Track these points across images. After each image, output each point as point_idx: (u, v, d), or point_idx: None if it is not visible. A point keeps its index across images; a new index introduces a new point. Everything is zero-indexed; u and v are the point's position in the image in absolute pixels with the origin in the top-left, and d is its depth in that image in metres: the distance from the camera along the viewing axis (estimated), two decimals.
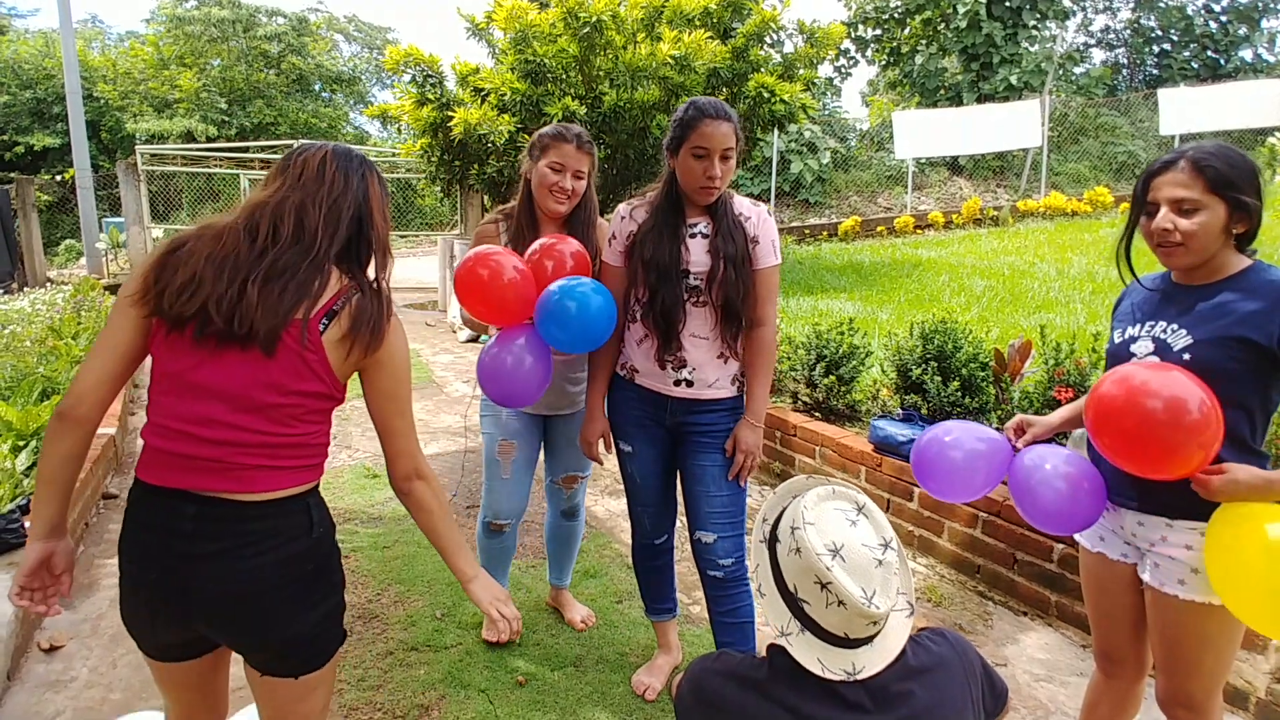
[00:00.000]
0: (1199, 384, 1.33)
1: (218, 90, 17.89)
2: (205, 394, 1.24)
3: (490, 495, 2.36)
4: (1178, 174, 1.42)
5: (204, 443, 1.24)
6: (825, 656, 1.11)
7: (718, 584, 2.06)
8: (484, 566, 2.36)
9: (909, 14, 17.62)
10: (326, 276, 1.30)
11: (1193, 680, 1.52)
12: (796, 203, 15.25)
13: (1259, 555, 1.28)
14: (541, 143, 2.20)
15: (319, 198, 1.32)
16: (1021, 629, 2.65)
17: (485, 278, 1.90)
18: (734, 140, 1.88)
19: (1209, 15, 18.71)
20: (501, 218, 2.30)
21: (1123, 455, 1.41)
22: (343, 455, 4.34)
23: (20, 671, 2.39)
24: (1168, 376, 1.35)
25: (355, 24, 24.98)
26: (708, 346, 1.98)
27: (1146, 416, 1.33)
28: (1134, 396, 1.35)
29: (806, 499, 1.16)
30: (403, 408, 1.42)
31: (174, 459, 1.25)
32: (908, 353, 3.47)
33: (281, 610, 1.28)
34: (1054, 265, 8.19)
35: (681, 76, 7.66)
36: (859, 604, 1.07)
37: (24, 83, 16.53)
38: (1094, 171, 15.36)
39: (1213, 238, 1.42)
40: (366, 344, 1.30)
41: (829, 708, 1.12)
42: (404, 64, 8.15)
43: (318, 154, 1.36)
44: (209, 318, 1.22)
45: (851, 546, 1.10)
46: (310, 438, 1.32)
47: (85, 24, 23.78)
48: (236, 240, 1.27)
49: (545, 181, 2.17)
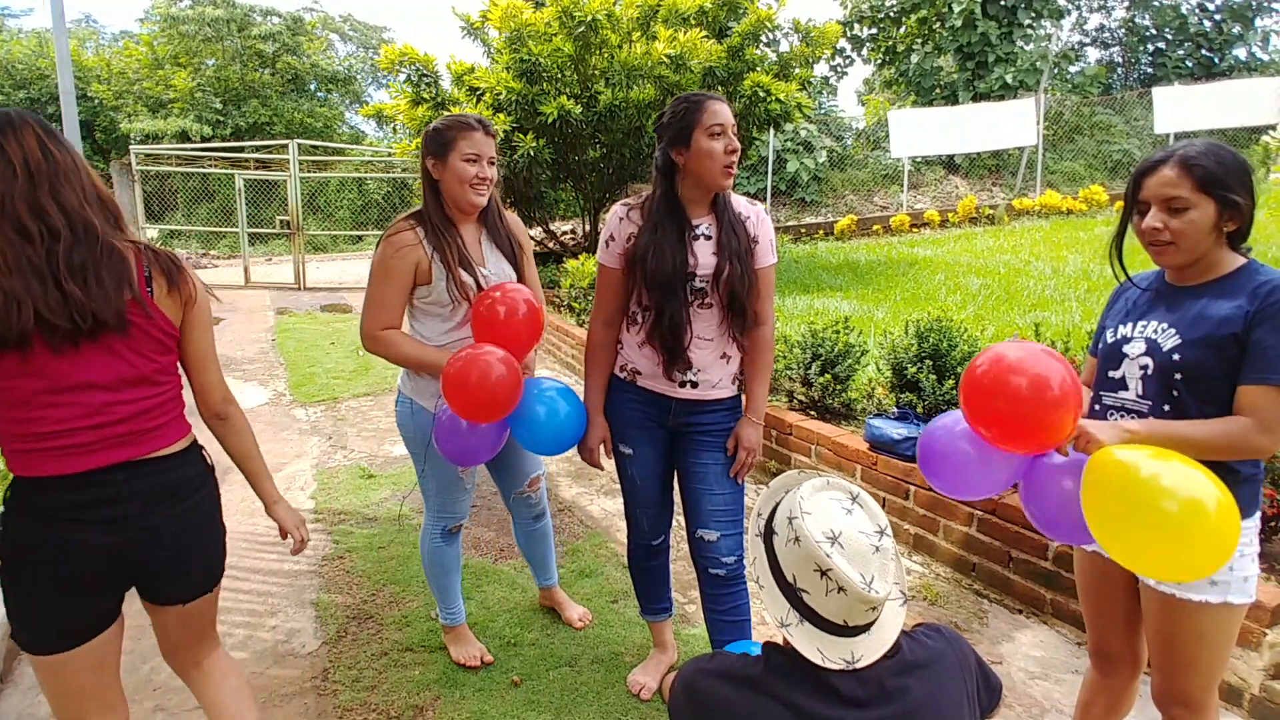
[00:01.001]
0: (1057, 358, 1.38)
1: (212, 90, 17.83)
2: (92, 388, 1.39)
3: (452, 503, 2.31)
4: (1167, 173, 1.42)
5: (111, 424, 1.41)
6: (825, 646, 1.12)
7: (719, 582, 2.05)
8: (444, 576, 2.39)
9: (904, 13, 17.64)
10: (117, 247, 1.41)
11: (1189, 678, 1.52)
12: (792, 202, 15.26)
13: (1121, 494, 1.27)
14: (444, 137, 2.05)
15: (59, 179, 1.37)
16: (1017, 627, 2.65)
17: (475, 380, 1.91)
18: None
19: (1203, 14, 18.76)
20: (415, 224, 2.10)
21: (996, 428, 1.43)
22: (338, 456, 4.33)
23: (13, 674, 2.38)
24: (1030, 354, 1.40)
25: (350, 23, 24.93)
26: (712, 347, 1.98)
27: (1015, 394, 1.37)
28: (1002, 375, 1.40)
29: (802, 490, 1.17)
30: (212, 339, 1.59)
31: (83, 447, 1.39)
32: (903, 351, 3.47)
33: (216, 536, 1.61)
34: (1049, 264, 8.20)
35: (677, 75, 7.66)
36: (859, 589, 1.08)
37: (17, 83, 16.48)
38: (1089, 170, 15.40)
39: (1202, 236, 1.42)
40: (184, 289, 1.49)
41: (826, 704, 1.12)
42: (399, 63, 8.14)
43: (29, 133, 1.37)
44: (51, 324, 1.32)
45: (849, 534, 1.12)
46: (175, 388, 1.54)
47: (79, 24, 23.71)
48: (15, 246, 1.32)
49: (464, 176, 2.04)
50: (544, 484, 2.51)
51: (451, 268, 2.06)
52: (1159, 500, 1.22)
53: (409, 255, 2.05)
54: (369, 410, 5.16)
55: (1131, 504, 1.25)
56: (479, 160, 2.06)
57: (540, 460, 2.47)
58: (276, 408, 5.28)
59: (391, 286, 2.07)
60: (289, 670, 2.42)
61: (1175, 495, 1.21)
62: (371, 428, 4.79)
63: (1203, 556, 1.21)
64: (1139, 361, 1.51)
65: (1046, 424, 1.37)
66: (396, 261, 2.05)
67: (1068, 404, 1.36)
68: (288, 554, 3.18)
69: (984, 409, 1.44)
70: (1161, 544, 1.23)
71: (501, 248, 2.21)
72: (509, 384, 1.93)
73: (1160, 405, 1.48)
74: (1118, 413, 1.55)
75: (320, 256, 14.55)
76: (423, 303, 2.12)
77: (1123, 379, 1.54)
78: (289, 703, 2.26)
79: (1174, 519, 1.21)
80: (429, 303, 2.11)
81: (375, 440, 4.56)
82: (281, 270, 11.92)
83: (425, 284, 2.08)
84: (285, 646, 2.55)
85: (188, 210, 15.66)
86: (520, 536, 2.58)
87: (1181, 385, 1.44)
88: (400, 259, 2.05)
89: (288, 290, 10.52)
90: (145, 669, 2.40)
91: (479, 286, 2.10)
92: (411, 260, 2.05)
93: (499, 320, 2.00)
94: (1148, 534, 1.24)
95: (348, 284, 10.93)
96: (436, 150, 2.07)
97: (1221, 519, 1.19)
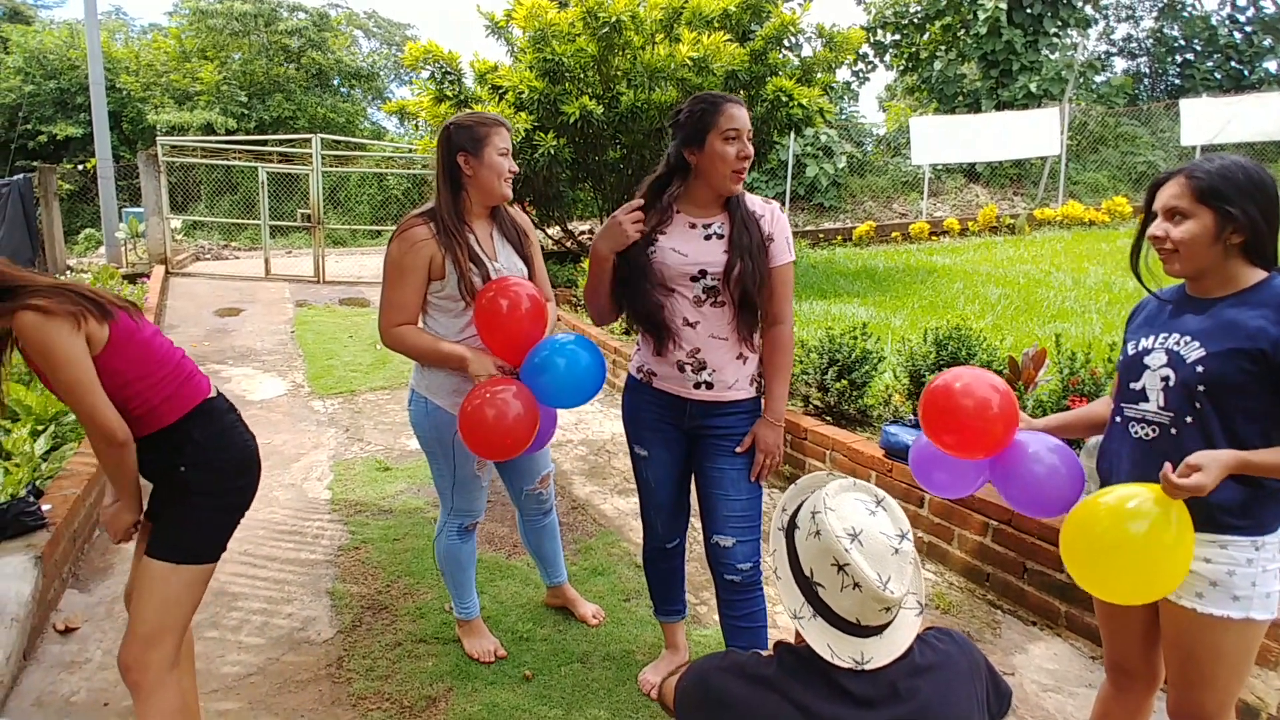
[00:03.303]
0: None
1: (238, 83, 18.03)
2: None
3: (469, 501, 2.33)
4: (1173, 185, 1.49)
5: None
6: (835, 643, 1.13)
7: (734, 588, 2.03)
8: (459, 572, 2.41)
9: (929, 19, 17.52)
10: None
11: (1206, 694, 1.51)
12: (811, 207, 15.20)
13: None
14: (477, 133, 2.10)
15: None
16: (1030, 638, 2.64)
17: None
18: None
19: (1233, 26, 18.51)
20: (426, 219, 2.12)
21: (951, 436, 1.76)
22: (355, 448, 4.37)
23: (36, 652, 2.43)
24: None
25: (375, 20, 25.09)
26: (727, 347, 1.97)
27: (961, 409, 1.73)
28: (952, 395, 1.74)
29: (828, 488, 1.20)
30: (60, 391, 1.59)
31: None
32: (921, 358, 3.46)
33: None
34: (1070, 275, 8.12)
35: (699, 78, 7.66)
36: (874, 587, 1.10)
37: (48, 73, 16.72)
38: (1113, 181, 15.23)
39: (1202, 245, 1.45)
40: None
41: (837, 704, 1.13)
42: (423, 60, 8.20)
43: None
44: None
45: (870, 533, 1.13)
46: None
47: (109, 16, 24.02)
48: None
49: (500, 170, 2.11)
50: (553, 482, 2.53)
51: (462, 264, 2.09)
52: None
53: (424, 250, 2.08)
54: (386, 404, 5.21)
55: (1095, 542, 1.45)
56: (508, 154, 2.12)
57: (550, 458, 2.49)
58: (295, 399, 5.34)
59: (407, 282, 2.09)
60: (304, 657, 2.45)
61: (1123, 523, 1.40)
62: (388, 421, 4.83)
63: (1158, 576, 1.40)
64: (1160, 373, 1.51)
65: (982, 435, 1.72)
66: (411, 257, 2.07)
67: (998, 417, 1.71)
68: (305, 543, 3.21)
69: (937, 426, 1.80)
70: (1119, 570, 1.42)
71: (510, 240, 2.25)
72: (527, 422, 1.98)
73: (1183, 417, 1.47)
74: (1138, 424, 1.55)
75: (339, 250, 14.66)
76: (436, 298, 2.14)
77: (1143, 390, 1.54)
78: (304, 689, 2.29)
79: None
80: (442, 297, 2.14)
81: (392, 433, 4.60)
82: (301, 263, 12.02)
83: (439, 279, 2.11)
84: (301, 634, 2.58)
85: (210, 202, 15.83)
86: (528, 534, 2.58)
87: (1204, 397, 1.44)
88: (415, 254, 2.07)
89: (307, 283, 10.60)
90: None
91: (489, 280, 2.13)
92: (426, 255, 2.08)
93: (501, 314, 2.02)
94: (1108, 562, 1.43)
95: (366, 278, 11.00)
96: (471, 146, 2.10)
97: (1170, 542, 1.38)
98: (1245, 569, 1.44)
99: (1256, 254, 1.46)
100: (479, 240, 2.16)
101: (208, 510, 1.72)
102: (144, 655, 1.64)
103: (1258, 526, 1.44)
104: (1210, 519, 1.44)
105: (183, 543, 1.69)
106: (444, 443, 2.22)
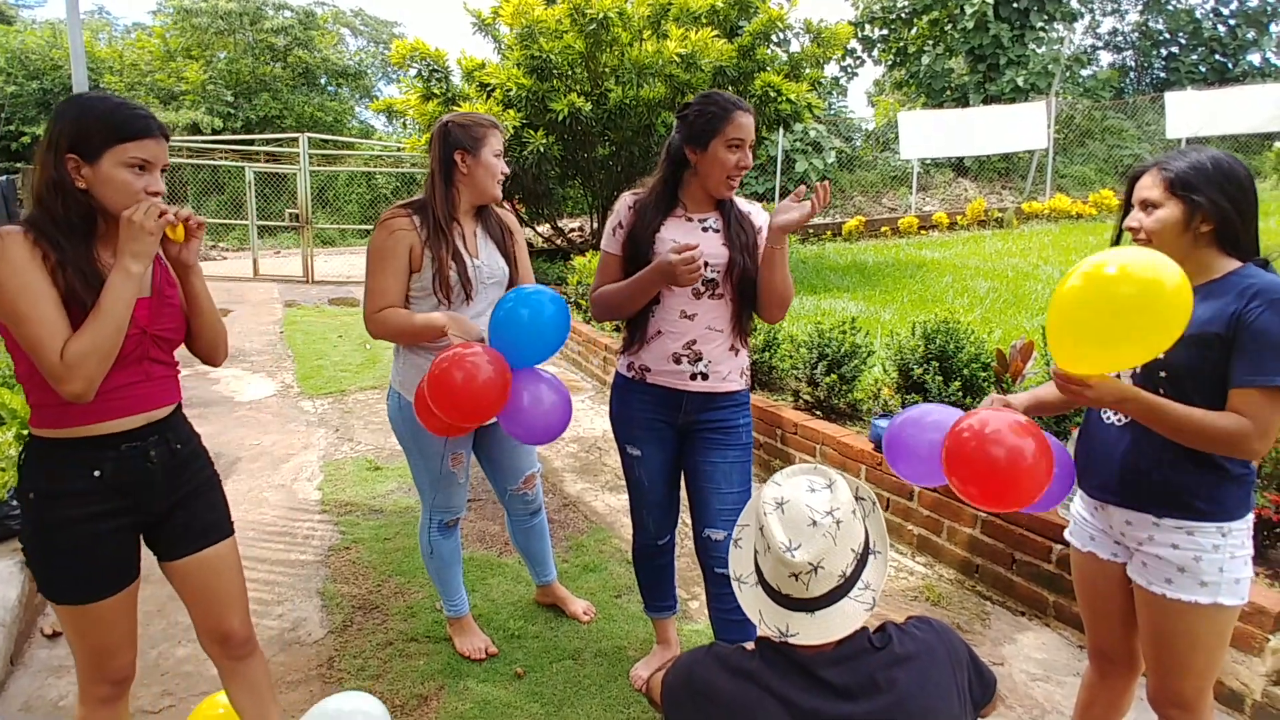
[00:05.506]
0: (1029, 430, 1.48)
1: (224, 83, 17.90)
2: None
3: (446, 498, 2.32)
4: (1147, 177, 1.53)
5: None
6: (765, 610, 1.20)
7: (725, 581, 2.02)
8: (444, 569, 2.39)
9: (916, 14, 17.58)
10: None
11: (1183, 679, 1.53)
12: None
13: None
14: (475, 133, 2.12)
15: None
16: (1019, 629, 2.66)
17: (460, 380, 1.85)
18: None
19: (1217, 19, 18.66)
20: (411, 212, 2.12)
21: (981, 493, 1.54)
22: (345, 448, 4.36)
23: (23, 656, 2.41)
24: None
25: (362, 18, 24.98)
26: (721, 339, 2.01)
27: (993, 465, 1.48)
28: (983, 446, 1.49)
29: (792, 468, 1.25)
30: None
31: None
32: (910, 352, 3.47)
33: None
34: (1058, 267, 8.17)
35: (687, 74, 7.66)
36: (779, 549, 1.14)
37: (31, 73, 16.54)
38: (1100, 174, 15.35)
39: (1172, 234, 1.48)
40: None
41: (817, 696, 1.14)
42: (410, 58, 8.17)
43: None
44: None
45: (795, 504, 1.17)
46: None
47: (92, 15, 23.82)
48: None
49: (495, 171, 2.14)
50: (539, 481, 2.53)
51: (443, 259, 2.09)
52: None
53: (404, 238, 2.09)
54: (376, 403, 5.19)
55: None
56: (501, 156, 2.16)
57: (535, 457, 2.48)
58: (284, 399, 5.31)
59: (388, 269, 2.10)
60: (295, 658, 2.44)
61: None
62: (378, 420, 4.82)
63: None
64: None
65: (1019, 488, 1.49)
66: (392, 243, 2.08)
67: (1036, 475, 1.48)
68: (295, 543, 3.20)
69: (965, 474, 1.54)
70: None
71: (494, 237, 2.25)
72: (497, 385, 1.91)
73: None
74: (1110, 410, 1.58)
75: (328, 250, 14.60)
76: (414, 289, 2.15)
77: (1116, 377, 1.56)
78: (295, 689, 2.29)
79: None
80: (416, 290, 2.14)
81: (382, 433, 4.58)
82: (290, 263, 11.97)
83: (415, 270, 2.12)
84: (291, 635, 2.57)
85: (197, 202, 15.73)
86: (516, 533, 2.58)
87: (1166, 383, 1.47)
88: (396, 241, 2.09)
89: (296, 283, 10.56)
90: (153, 654, 2.43)
91: (468, 279, 2.13)
92: (406, 243, 2.09)
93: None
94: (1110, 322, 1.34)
95: (355, 277, 10.96)
96: (470, 145, 2.12)
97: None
98: (1212, 555, 1.46)
99: (1229, 243, 1.48)
100: (464, 237, 2.17)
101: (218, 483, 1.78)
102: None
103: (1224, 513, 1.46)
104: (1177, 505, 1.47)
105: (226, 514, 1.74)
106: (419, 438, 2.22)
